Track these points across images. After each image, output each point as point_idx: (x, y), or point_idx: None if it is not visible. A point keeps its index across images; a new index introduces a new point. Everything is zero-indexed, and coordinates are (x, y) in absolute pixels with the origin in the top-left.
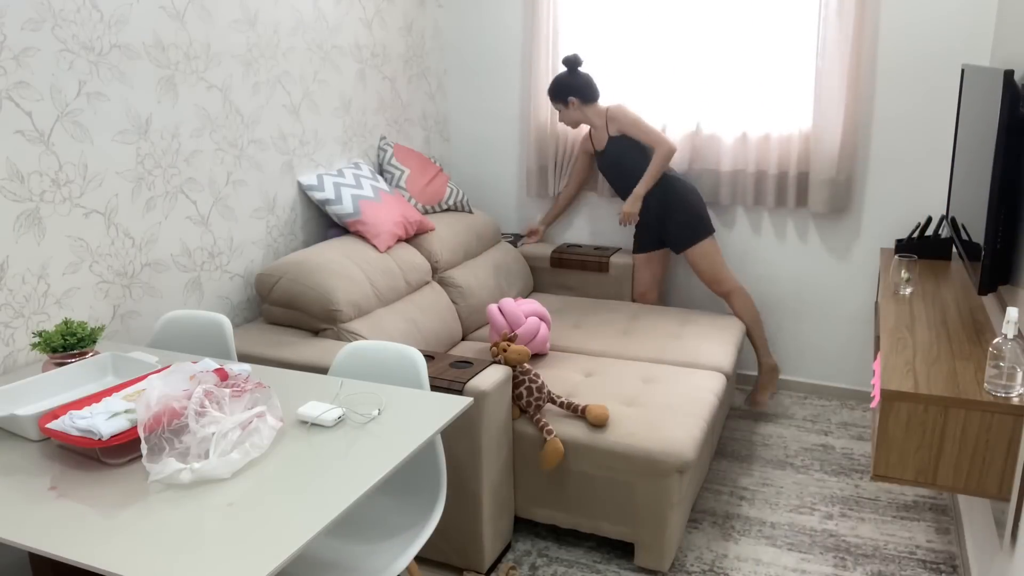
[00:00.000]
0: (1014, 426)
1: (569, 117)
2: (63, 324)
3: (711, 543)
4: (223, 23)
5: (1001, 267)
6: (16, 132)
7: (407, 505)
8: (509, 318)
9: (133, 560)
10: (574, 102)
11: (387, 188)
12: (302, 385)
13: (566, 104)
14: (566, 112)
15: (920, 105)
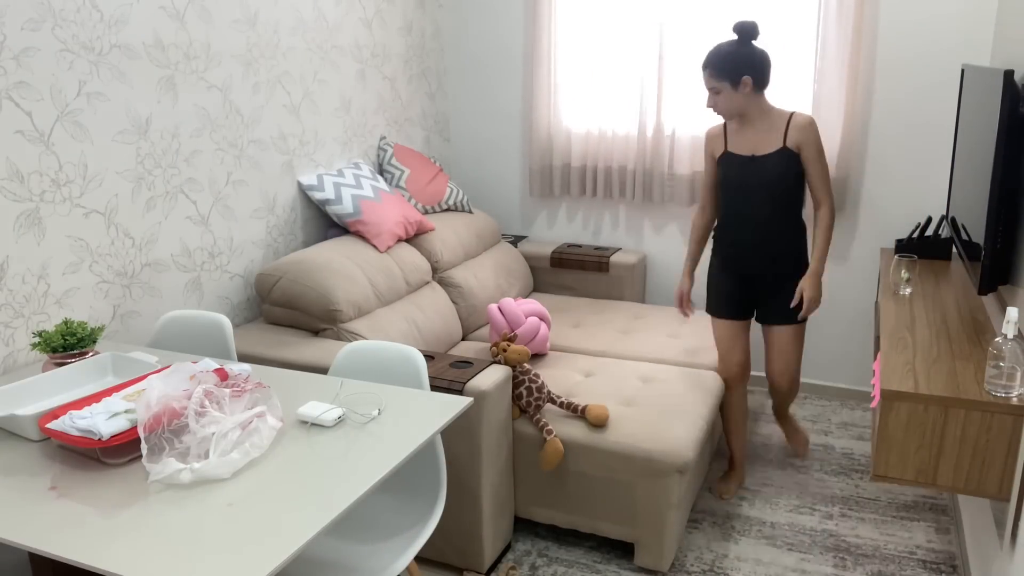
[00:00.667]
0: (1014, 426)
1: (729, 103)
2: (63, 324)
3: (711, 543)
4: (223, 23)
5: (1001, 267)
6: (16, 132)
7: (407, 505)
8: (509, 318)
9: (133, 560)
10: (747, 83)
11: (387, 188)
12: (302, 385)
13: (735, 84)
14: (728, 95)
15: (920, 105)
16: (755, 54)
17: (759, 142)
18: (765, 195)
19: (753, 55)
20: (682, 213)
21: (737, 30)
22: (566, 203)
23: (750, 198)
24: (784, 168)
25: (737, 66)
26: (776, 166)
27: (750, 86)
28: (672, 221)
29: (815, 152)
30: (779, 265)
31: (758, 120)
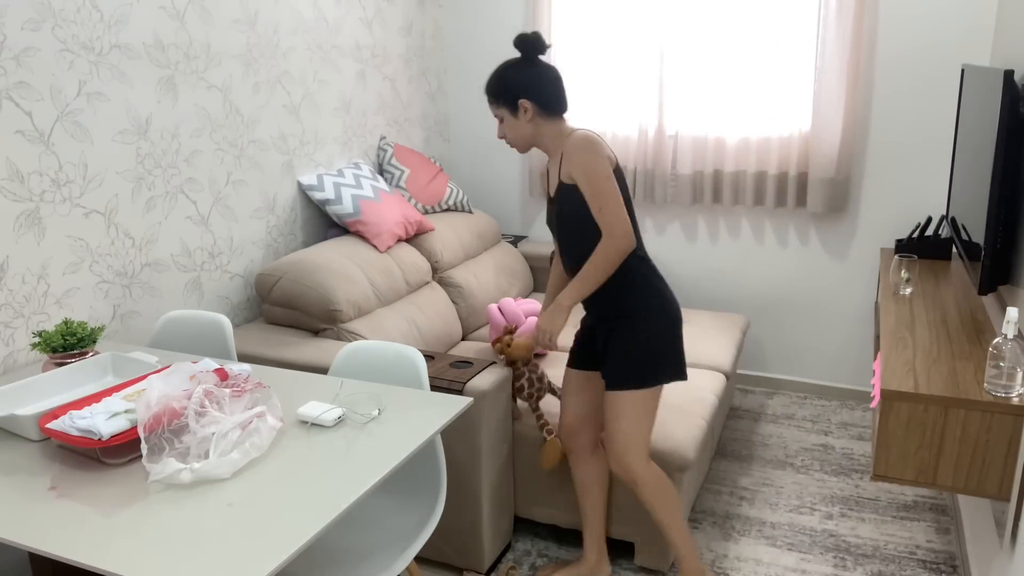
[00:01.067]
0: (1014, 426)
1: (515, 133)
2: (63, 324)
3: (711, 543)
4: (223, 23)
5: (1001, 267)
6: (16, 132)
7: (407, 505)
8: (509, 317)
9: (133, 560)
10: (527, 107)
11: (387, 188)
12: (302, 385)
13: (514, 110)
14: (512, 124)
15: (920, 105)
16: (533, 74)
17: (553, 178)
18: (566, 239)
19: (531, 75)
20: (685, 213)
21: (517, 45)
22: None
23: (560, 244)
24: (572, 208)
25: (512, 89)
26: (565, 205)
27: (532, 111)
28: (674, 221)
29: (583, 179)
30: (601, 318)
31: (555, 152)
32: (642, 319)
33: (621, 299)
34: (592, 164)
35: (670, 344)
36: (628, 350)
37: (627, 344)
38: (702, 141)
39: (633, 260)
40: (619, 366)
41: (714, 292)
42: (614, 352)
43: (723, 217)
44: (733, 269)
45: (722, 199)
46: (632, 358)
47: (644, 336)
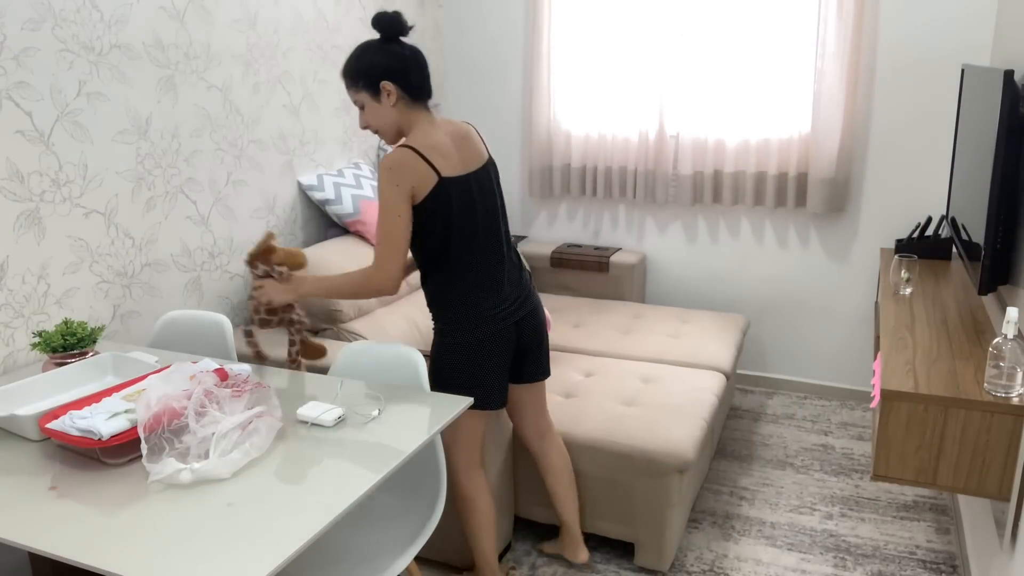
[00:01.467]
0: (1014, 426)
1: (381, 118)
2: (63, 324)
3: (711, 543)
4: (223, 23)
5: (1001, 267)
6: (16, 132)
7: (407, 505)
8: None
9: (133, 560)
10: (390, 90)
11: None
12: (302, 385)
13: (375, 93)
14: (374, 108)
15: (920, 105)
16: (397, 55)
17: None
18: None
19: (394, 56)
20: (685, 213)
21: (375, 24)
22: (566, 203)
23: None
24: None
25: (372, 70)
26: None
27: (395, 95)
28: (675, 221)
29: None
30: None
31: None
32: (440, 339)
33: (433, 312)
34: (381, 193)
35: (458, 373)
36: (430, 360)
37: (431, 355)
38: (702, 142)
39: (440, 278)
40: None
41: (714, 292)
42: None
43: (723, 217)
44: (733, 269)
45: (722, 199)
46: (432, 369)
47: (437, 356)
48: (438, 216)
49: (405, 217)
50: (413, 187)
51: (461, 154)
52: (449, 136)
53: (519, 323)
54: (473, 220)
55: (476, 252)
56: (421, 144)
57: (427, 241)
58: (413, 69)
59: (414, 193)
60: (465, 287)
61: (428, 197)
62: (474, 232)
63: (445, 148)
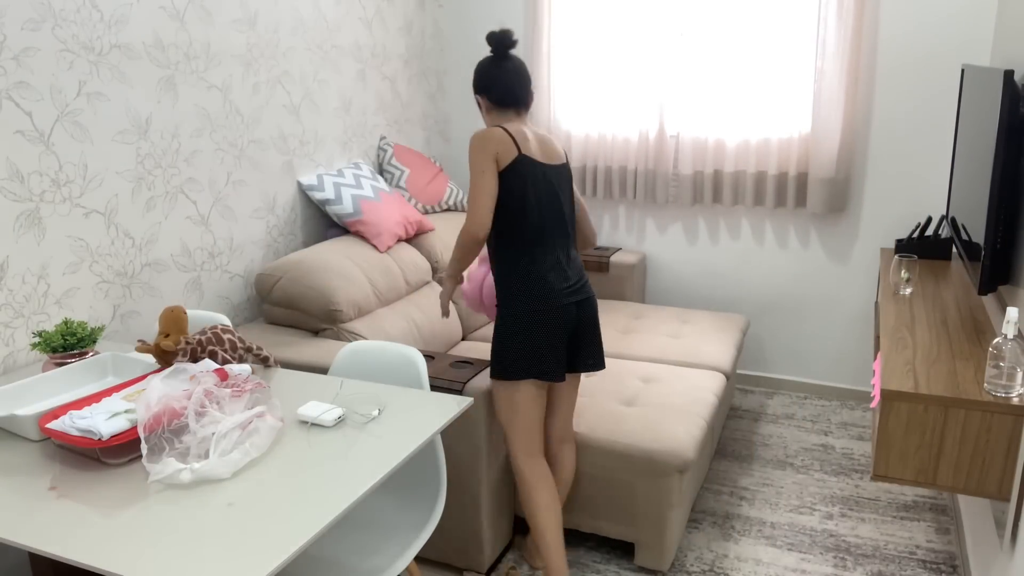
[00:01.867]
0: (1014, 426)
1: (484, 120)
2: (63, 324)
3: (711, 543)
4: (223, 23)
5: (1001, 267)
6: (16, 132)
7: (407, 505)
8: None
9: (133, 560)
10: (480, 102)
11: (387, 188)
12: (302, 385)
13: (479, 104)
14: (482, 114)
15: (920, 105)
16: (491, 70)
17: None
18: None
19: (489, 72)
20: (685, 213)
21: (488, 40)
22: None
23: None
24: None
25: (474, 85)
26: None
27: (486, 106)
28: (675, 221)
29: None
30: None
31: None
32: (503, 311)
33: (498, 287)
34: (470, 158)
35: (515, 341)
36: (493, 338)
37: (494, 332)
38: (702, 142)
39: (510, 253)
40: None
41: (714, 292)
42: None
43: (723, 217)
44: (733, 269)
45: (722, 199)
46: (493, 348)
47: (499, 329)
48: (515, 190)
49: (490, 172)
50: (497, 152)
51: (542, 147)
52: (533, 132)
53: (578, 306)
54: (545, 203)
55: (544, 233)
56: (509, 128)
57: (502, 213)
58: (496, 85)
59: (498, 159)
60: (531, 262)
61: (508, 168)
62: (545, 214)
63: (528, 136)
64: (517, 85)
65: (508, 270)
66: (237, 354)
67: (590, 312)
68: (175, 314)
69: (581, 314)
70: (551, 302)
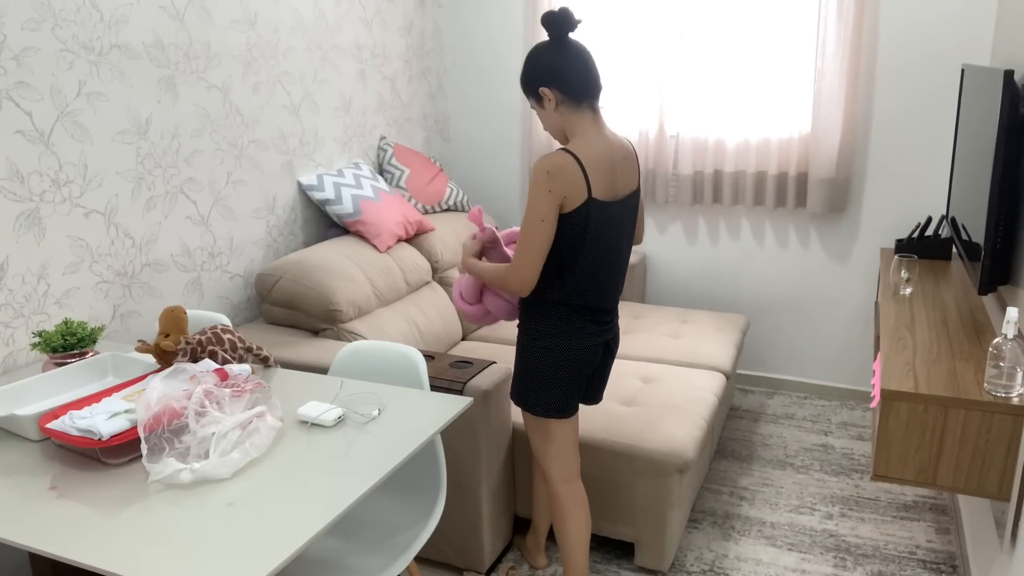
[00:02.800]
0: (1014, 426)
1: (548, 124)
2: (63, 324)
3: (711, 543)
4: (223, 23)
5: (1001, 267)
6: (16, 132)
7: (407, 505)
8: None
9: (133, 560)
10: (549, 96)
11: (387, 188)
12: (302, 385)
13: (538, 99)
14: (541, 114)
15: (920, 105)
16: (553, 55)
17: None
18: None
19: (551, 56)
20: (685, 213)
21: (543, 23)
22: None
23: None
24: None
25: (532, 77)
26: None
27: (555, 100)
28: (675, 221)
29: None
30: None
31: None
32: (530, 343)
33: (527, 316)
34: (531, 191)
35: (543, 377)
36: (516, 361)
37: (518, 357)
38: (702, 142)
39: (553, 289)
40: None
41: (714, 292)
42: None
43: (723, 217)
44: (733, 269)
45: (722, 199)
46: (515, 373)
47: (524, 361)
48: (574, 235)
49: (549, 222)
50: (564, 196)
51: (616, 177)
52: (611, 152)
53: (606, 345)
54: (603, 249)
55: (597, 277)
56: (584, 154)
57: (554, 253)
58: (571, 68)
59: (563, 203)
60: (575, 304)
61: (573, 212)
62: (603, 259)
63: (604, 166)
64: (593, 71)
65: (551, 305)
66: (237, 354)
67: (613, 349)
68: (175, 314)
69: (607, 350)
70: (586, 342)
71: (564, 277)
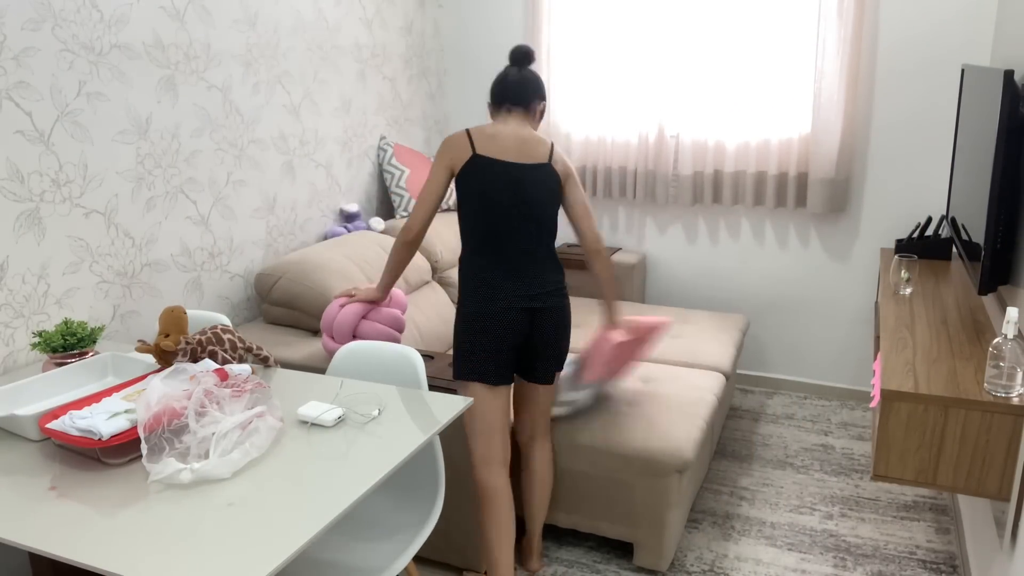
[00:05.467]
0: (1014, 426)
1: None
2: (63, 324)
3: (711, 543)
4: (223, 23)
5: (1001, 267)
6: (16, 132)
7: (406, 505)
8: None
9: (133, 560)
10: (489, 100)
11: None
12: (302, 385)
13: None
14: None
15: (920, 105)
16: (497, 76)
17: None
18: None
19: (497, 79)
20: (685, 213)
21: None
22: None
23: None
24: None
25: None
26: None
27: (489, 104)
28: (675, 221)
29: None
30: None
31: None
32: (457, 311)
33: (459, 288)
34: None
35: (461, 342)
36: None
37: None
38: (702, 142)
39: (466, 253)
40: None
41: (714, 292)
42: None
43: (723, 218)
44: (733, 269)
45: (722, 200)
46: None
47: (454, 328)
48: (471, 191)
49: (436, 179)
50: (451, 157)
51: (516, 146)
52: (512, 133)
53: (532, 315)
54: (502, 203)
55: (502, 234)
56: (476, 129)
57: (463, 215)
58: (496, 86)
59: (452, 164)
60: (484, 265)
61: (463, 170)
62: (501, 215)
63: (499, 136)
64: (514, 85)
65: (463, 270)
66: (237, 354)
67: (546, 322)
68: (175, 314)
69: (535, 322)
70: (497, 305)
71: (473, 228)
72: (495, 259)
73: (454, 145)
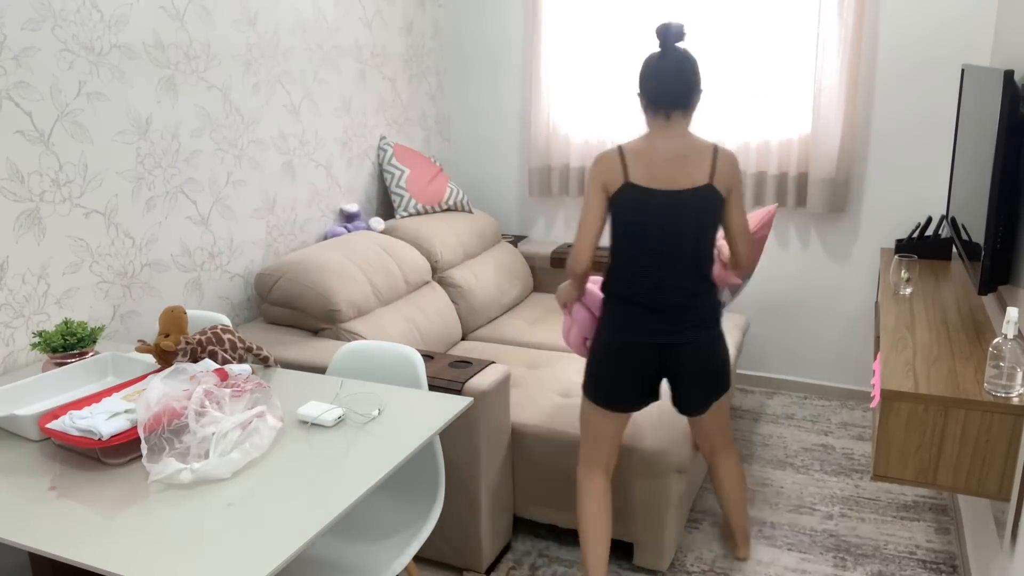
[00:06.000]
0: (1014, 426)
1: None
2: (63, 324)
3: (711, 543)
4: (223, 23)
5: (1001, 267)
6: (16, 132)
7: (406, 505)
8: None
9: (133, 560)
10: (640, 97)
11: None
12: (302, 385)
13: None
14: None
15: (920, 105)
16: (645, 67)
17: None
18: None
19: (643, 68)
20: None
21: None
22: (565, 203)
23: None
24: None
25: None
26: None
27: (642, 103)
28: None
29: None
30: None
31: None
32: (596, 330)
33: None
34: (585, 183)
35: (590, 362)
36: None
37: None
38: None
39: (608, 272)
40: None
41: None
42: None
43: None
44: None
45: None
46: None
47: (591, 346)
48: (620, 220)
49: (593, 206)
50: (604, 182)
51: (674, 170)
52: (669, 150)
53: (666, 350)
54: (644, 235)
55: (644, 266)
56: (630, 147)
57: (612, 238)
58: (648, 83)
59: (606, 187)
60: (619, 290)
61: (615, 195)
62: (642, 248)
63: (655, 157)
64: (673, 82)
65: (605, 287)
66: (237, 354)
67: (685, 357)
68: (175, 314)
69: (674, 357)
70: (626, 337)
71: (617, 255)
72: (634, 289)
73: (607, 168)
